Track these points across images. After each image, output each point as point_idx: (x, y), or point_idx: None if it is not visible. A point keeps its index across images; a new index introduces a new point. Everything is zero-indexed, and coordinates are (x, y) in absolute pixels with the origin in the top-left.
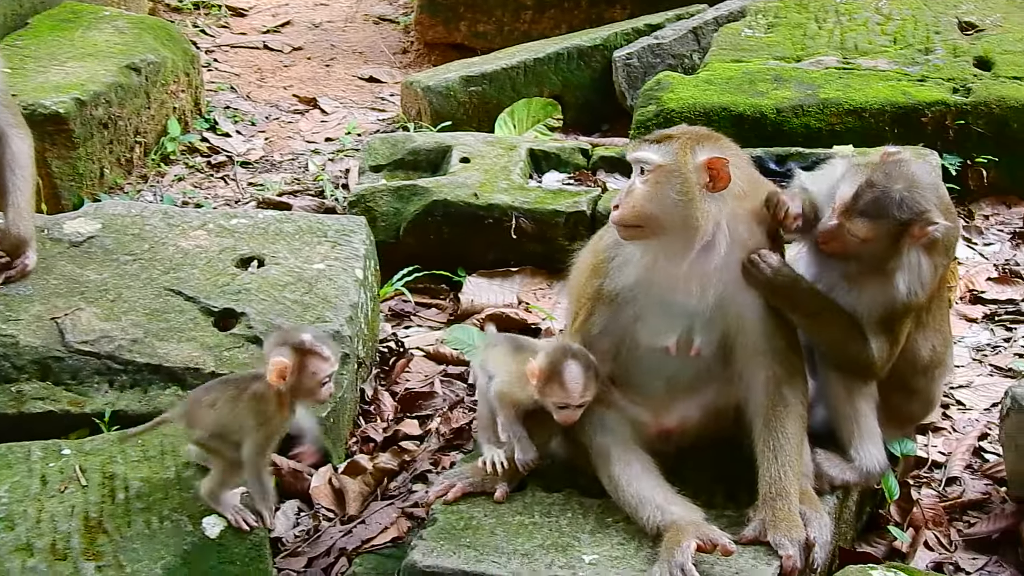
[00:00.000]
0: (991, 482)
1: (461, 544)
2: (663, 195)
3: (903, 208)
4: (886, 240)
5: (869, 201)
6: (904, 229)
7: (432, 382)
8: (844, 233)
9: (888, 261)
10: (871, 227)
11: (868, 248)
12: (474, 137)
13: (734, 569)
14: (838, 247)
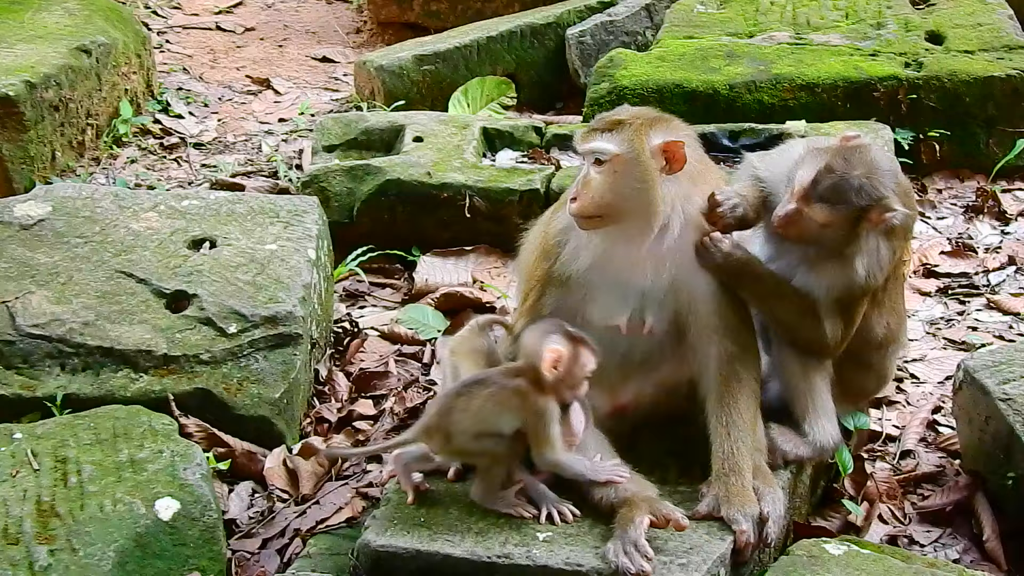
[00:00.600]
0: (945, 455)
1: (415, 523)
2: (622, 183)
3: (862, 194)
4: (844, 225)
5: (828, 187)
6: (862, 215)
7: (387, 362)
8: (802, 218)
9: (847, 246)
10: (830, 213)
11: (826, 233)
12: (427, 116)
13: (688, 544)
14: (796, 232)
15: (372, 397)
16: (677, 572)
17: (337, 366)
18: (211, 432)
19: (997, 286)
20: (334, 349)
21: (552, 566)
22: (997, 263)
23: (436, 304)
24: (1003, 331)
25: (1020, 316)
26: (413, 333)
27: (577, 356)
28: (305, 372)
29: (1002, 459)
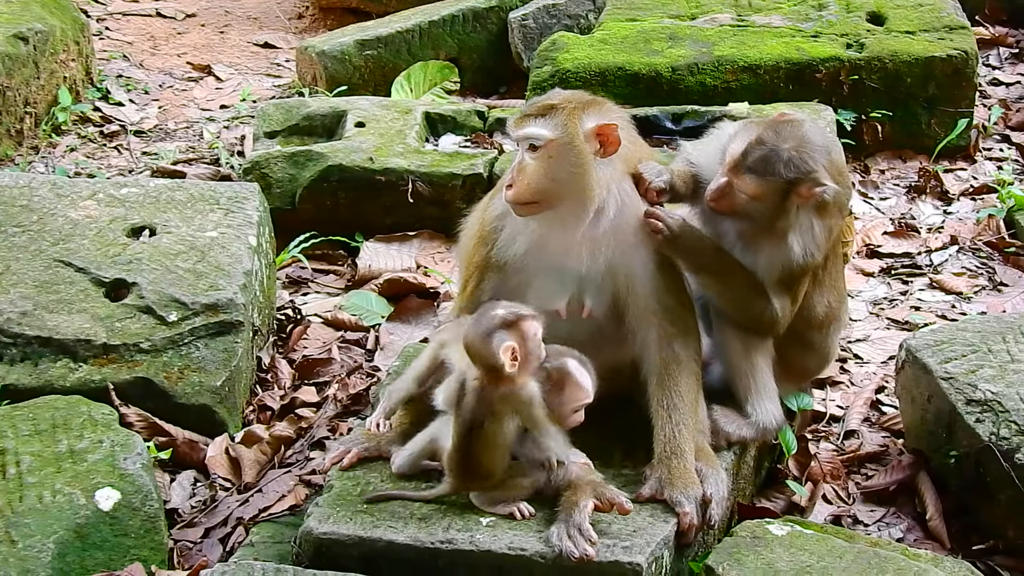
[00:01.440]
0: (888, 434)
1: (358, 510)
2: (557, 168)
3: (790, 167)
4: (774, 198)
5: (757, 158)
6: (791, 188)
7: (330, 349)
8: (733, 190)
9: (778, 220)
10: (758, 184)
11: (757, 206)
12: (369, 101)
13: (631, 527)
14: (727, 205)
15: (315, 384)
16: (621, 555)
17: (280, 353)
18: (152, 421)
19: (939, 266)
20: (277, 336)
21: (495, 551)
22: (939, 243)
23: (380, 290)
24: (946, 311)
25: (963, 295)
26: (357, 319)
27: (525, 335)
28: (247, 360)
29: (945, 438)
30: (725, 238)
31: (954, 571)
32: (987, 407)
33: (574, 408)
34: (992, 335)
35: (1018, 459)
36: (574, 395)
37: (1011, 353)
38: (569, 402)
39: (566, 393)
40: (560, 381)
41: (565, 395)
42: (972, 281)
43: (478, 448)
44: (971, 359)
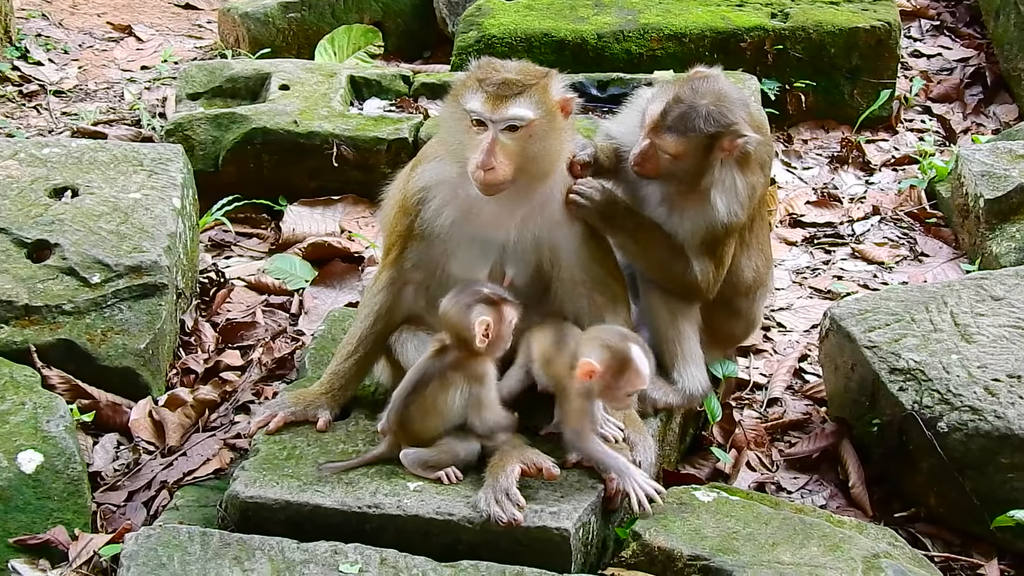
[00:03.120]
0: (811, 402)
1: (284, 474)
2: (537, 147)
3: (710, 121)
4: (697, 155)
5: (676, 117)
6: (713, 142)
7: (254, 312)
8: (656, 152)
9: (702, 178)
10: (680, 142)
11: (680, 165)
12: (293, 64)
13: (559, 493)
14: (652, 168)
15: (239, 348)
16: (548, 520)
17: (203, 316)
18: (75, 384)
19: (862, 235)
20: (200, 299)
21: (423, 515)
22: (862, 213)
23: (304, 254)
24: (868, 280)
25: (884, 265)
26: (281, 283)
27: (502, 317)
28: (171, 322)
29: (867, 406)
30: (649, 205)
31: (877, 538)
32: (910, 376)
33: (628, 392)
34: (915, 304)
35: (940, 427)
36: (631, 380)
37: (934, 323)
38: (625, 386)
39: (624, 377)
40: (621, 365)
41: (623, 379)
42: (894, 251)
43: (418, 407)
44: (895, 328)
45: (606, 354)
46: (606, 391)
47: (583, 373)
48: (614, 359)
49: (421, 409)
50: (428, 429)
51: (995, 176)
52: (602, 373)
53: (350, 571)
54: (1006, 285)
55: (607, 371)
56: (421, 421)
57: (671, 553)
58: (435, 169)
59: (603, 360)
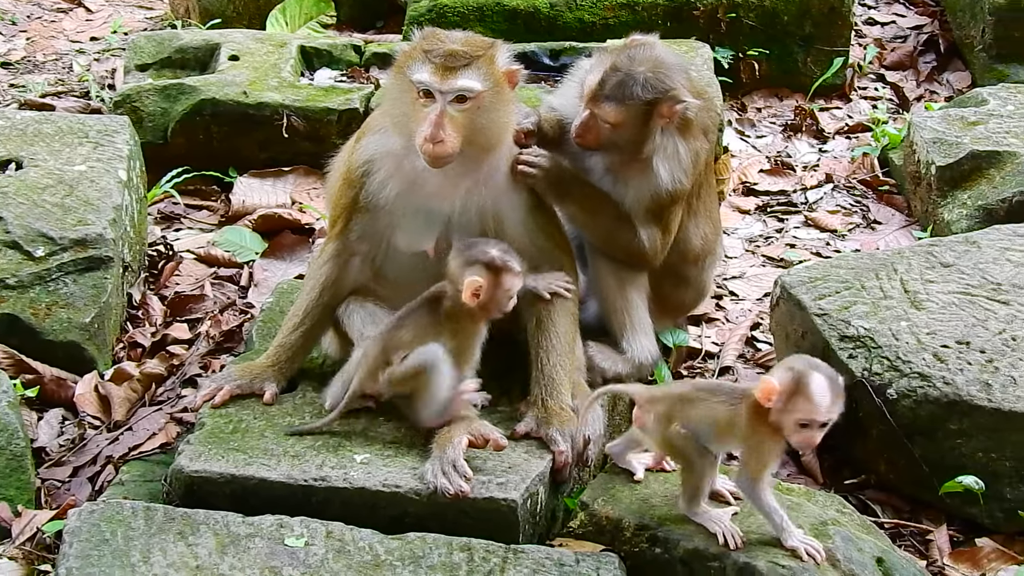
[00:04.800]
0: (763, 370)
1: (230, 448)
2: (485, 118)
3: (647, 88)
4: (636, 122)
5: (614, 85)
6: (652, 109)
7: (202, 285)
8: (596, 122)
9: (643, 146)
10: (619, 111)
11: (621, 134)
12: (243, 34)
13: (507, 464)
14: (593, 138)
15: (187, 321)
16: (496, 491)
17: (151, 290)
18: (18, 358)
19: (814, 203)
20: (148, 273)
21: (369, 488)
22: (815, 181)
23: (254, 226)
24: (820, 248)
25: (837, 233)
26: (230, 255)
27: (499, 283)
28: (117, 296)
29: None
30: (594, 175)
31: (825, 505)
32: (860, 343)
33: (799, 421)
34: (865, 272)
35: (890, 394)
36: (803, 409)
37: (884, 290)
38: (795, 412)
39: (797, 402)
40: (798, 388)
41: (795, 403)
42: (846, 219)
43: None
44: (844, 296)
45: (786, 375)
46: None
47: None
48: (793, 381)
49: (398, 344)
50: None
51: (947, 143)
52: (780, 393)
53: (296, 544)
54: (955, 252)
55: (783, 392)
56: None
57: (619, 523)
58: (379, 141)
59: (782, 380)
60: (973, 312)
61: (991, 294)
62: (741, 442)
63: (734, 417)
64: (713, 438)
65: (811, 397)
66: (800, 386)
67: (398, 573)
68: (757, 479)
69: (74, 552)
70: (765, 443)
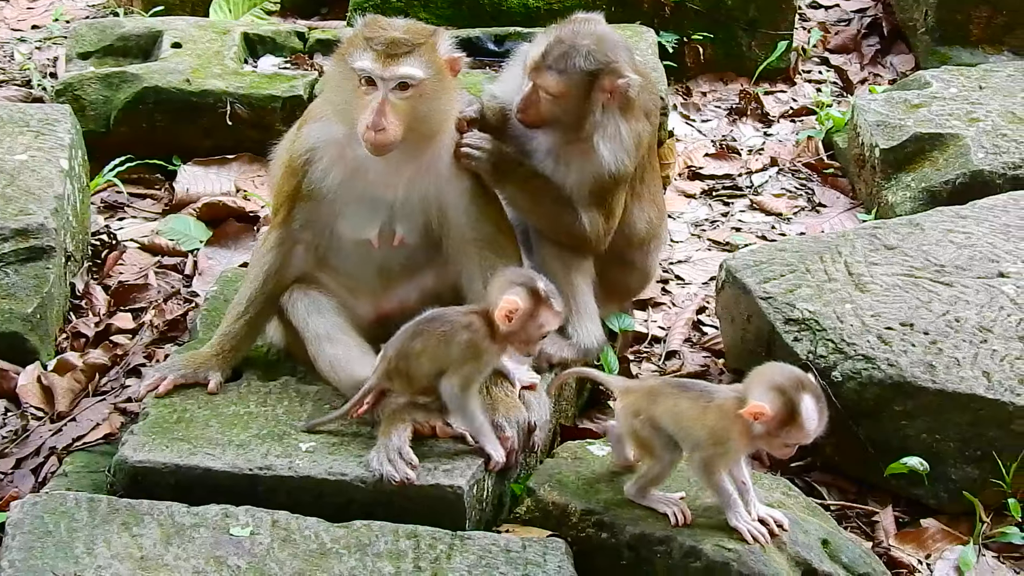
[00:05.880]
0: (709, 354)
1: (174, 438)
2: (427, 106)
3: (590, 59)
4: (578, 95)
5: (557, 55)
6: (593, 81)
7: (146, 274)
8: (538, 96)
9: (585, 122)
10: (561, 81)
11: (562, 107)
12: (186, 22)
13: (453, 450)
14: (535, 114)
15: (131, 310)
16: (442, 478)
17: (95, 279)
18: None
19: (759, 187)
20: (91, 262)
21: (315, 476)
22: (760, 164)
23: (198, 214)
24: (765, 231)
25: (782, 216)
26: (174, 244)
27: (536, 314)
28: (60, 286)
29: (764, 357)
30: (536, 159)
31: (771, 488)
32: (805, 326)
33: (786, 443)
34: (810, 255)
35: (835, 377)
36: (795, 435)
37: (828, 272)
38: (785, 437)
39: (788, 429)
40: (791, 416)
41: (786, 430)
42: (791, 202)
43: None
44: (789, 279)
45: (777, 400)
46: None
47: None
48: (785, 408)
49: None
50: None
51: (890, 126)
52: (770, 418)
53: (241, 534)
54: (899, 234)
55: (774, 417)
56: (416, 359)
57: (565, 508)
58: (321, 129)
59: (772, 404)
60: (917, 294)
61: (934, 276)
62: (705, 441)
63: (702, 417)
64: (677, 434)
65: (803, 425)
66: (793, 414)
67: (344, 561)
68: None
69: (17, 544)
70: (731, 447)
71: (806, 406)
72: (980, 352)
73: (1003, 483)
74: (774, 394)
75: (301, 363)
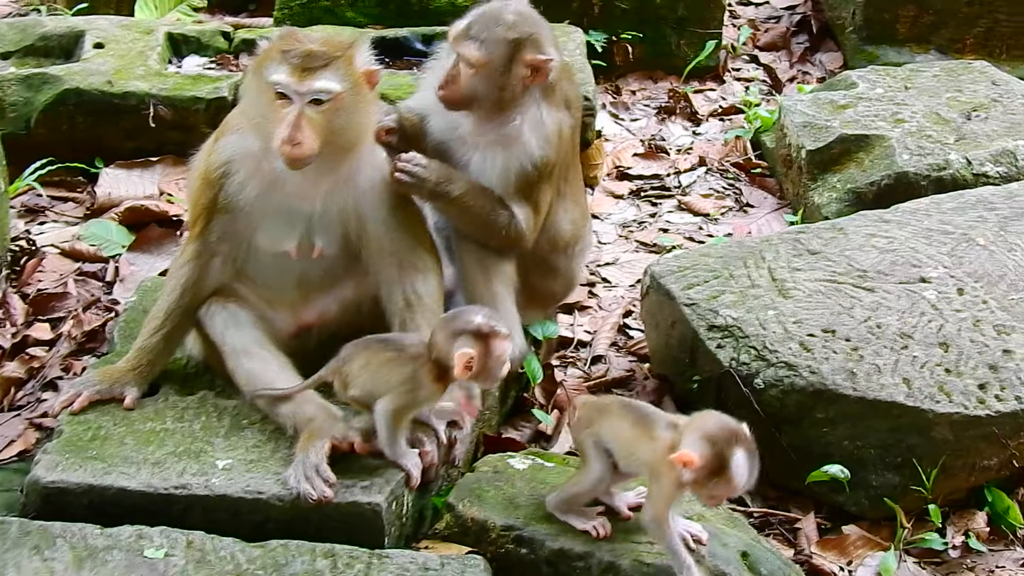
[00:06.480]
0: (635, 359)
1: (88, 456)
2: (344, 120)
3: (512, 29)
4: (500, 68)
5: (479, 26)
6: (515, 54)
7: (66, 282)
8: (460, 73)
9: (508, 104)
10: (482, 49)
11: (484, 82)
12: (109, 21)
13: (372, 466)
14: (456, 92)
15: (49, 320)
16: (360, 495)
17: (13, 287)
18: None
19: (688, 187)
20: (10, 269)
21: (231, 495)
22: (688, 164)
23: (120, 219)
24: (693, 232)
25: (710, 217)
26: (96, 250)
27: (490, 350)
28: None
29: (687, 363)
30: (460, 156)
31: (693, 498)
32: (728, 333)
33: (713, 495)
34: (734, 260)
35: (757, 384)
36: (722, 489)
37: (752, 278)
38: (712, 489)
39: (716, 482)
40: (719, 470)
41: (714, 483)
42: (719, 202)
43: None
44: (713, 285)
45: (708, 451)
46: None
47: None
48: (715, 460)
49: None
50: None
51: (816, 127)
52: (699, 468)
53: (155, 556)
54: (823, 239)
55: (703, 468)
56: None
57: (484, 523)
58: (237, 142)
59: (703, 455)
60: (839, 300)
61: (857, 281)
62: (646, 471)
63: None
64: (618, 456)
65: (731, 479)
66: (722, 468)
67: None
68: (661, 517)
69: None
70: (671, 481)
71: (737, 461)
72: (901, 359)
73: (923, 489)
74: (705, 445)
75: (220, 377)
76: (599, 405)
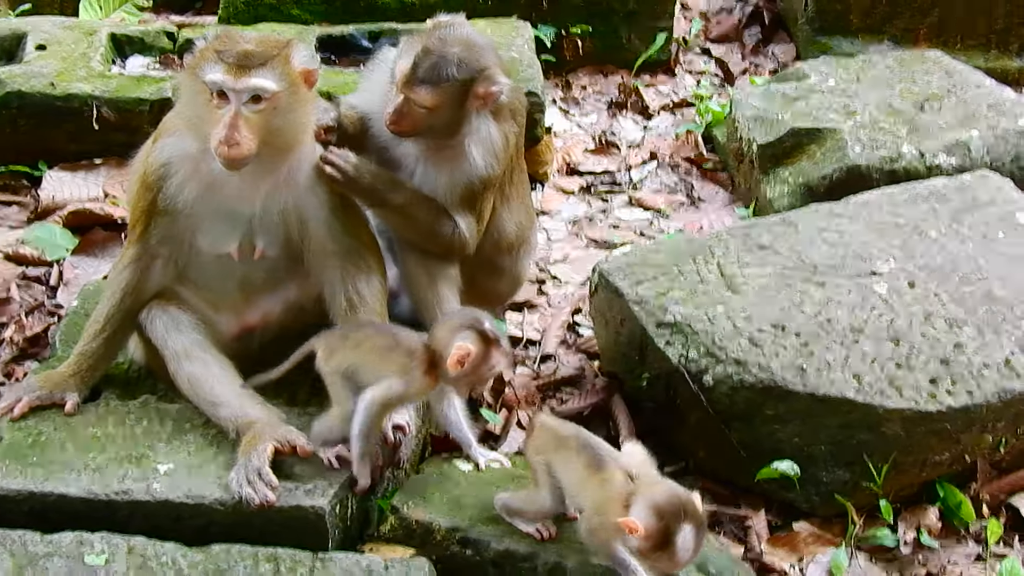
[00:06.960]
0: (585, 357)
1: (28, 463)
2: (280, 120)
3: (462, 67)
4: (452, 105)
5: (428, 68)
6: (467, 89)
7: (8, 287)
8: (411, 107)
9: (458, 129)
10: (434, 93)
11: (437, 117)
12: (51, 22)
13: (314, 469)
14: (408, 124)
15: None
16: (303, 499)
17: None
18: None
19: (639, 182)
20: None
21: (173, 500)
22: (639, 159)
23: (64, 222)
24: (644, 227)
25: (661, 212)
26: (39, 254)
27: (487, 357)
28: None
29: (637, 360)
30: (404, 166)
31: None
32: (677, 329)
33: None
34: (683, 256)
35: (706, 381)
36: (664, 562)
37: (701, 274)
38: (657, 562)
39: (659, 555)
40: (664, 543)
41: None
42: (671, 197)
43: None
44: (662, 281)
45: (653, 523)
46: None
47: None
48: (660, 534)
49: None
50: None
51: (767, 121)
52: (643, 538)
53: (96, 562)
54: (772, 234)
55: (647, 539)
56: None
57: (429, 526)
58: (175, 144)
59: (648, 526)
60: (789, 295)
61: (807, 275)
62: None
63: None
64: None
65: (674, 555)
66: (666, 543)
67: None
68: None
69: None
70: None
71: (682, 537)
72: (851, 354)
73: (875, 485)
74: (653, 517)
75: (162, 380)
76: (558, 436)
